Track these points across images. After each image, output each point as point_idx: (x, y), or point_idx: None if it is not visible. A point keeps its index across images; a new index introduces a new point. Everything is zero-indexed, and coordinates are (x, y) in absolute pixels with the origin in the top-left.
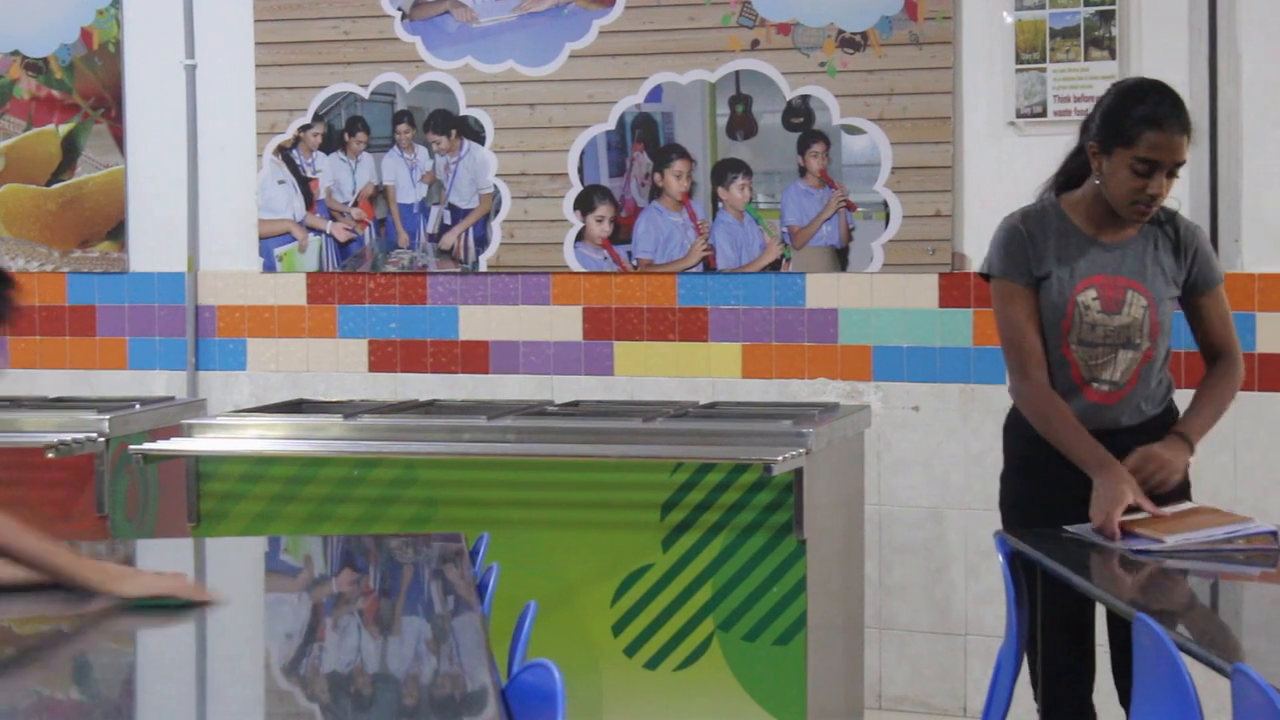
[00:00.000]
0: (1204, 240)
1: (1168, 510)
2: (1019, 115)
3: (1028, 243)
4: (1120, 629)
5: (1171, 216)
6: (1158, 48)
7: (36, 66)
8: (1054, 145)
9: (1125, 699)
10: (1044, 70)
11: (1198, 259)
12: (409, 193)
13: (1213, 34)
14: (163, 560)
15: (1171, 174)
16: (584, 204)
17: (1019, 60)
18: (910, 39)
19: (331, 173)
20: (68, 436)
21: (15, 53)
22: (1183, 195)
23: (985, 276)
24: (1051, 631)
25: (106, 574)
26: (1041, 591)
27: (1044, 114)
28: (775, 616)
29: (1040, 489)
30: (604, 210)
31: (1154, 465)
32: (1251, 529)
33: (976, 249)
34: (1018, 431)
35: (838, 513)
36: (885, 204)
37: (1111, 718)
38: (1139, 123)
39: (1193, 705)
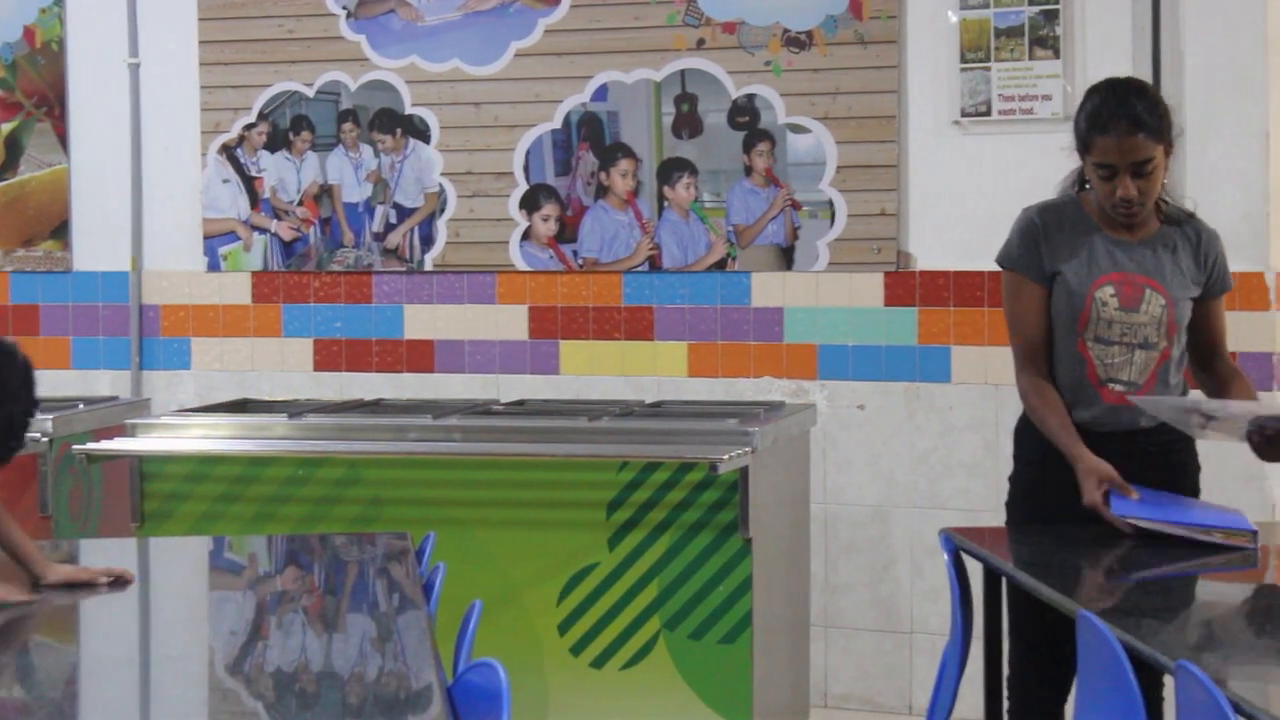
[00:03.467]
0: (1221, 245)
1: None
2: (964, 114)
3: (1041, 236)
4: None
5: (1190, 217)
6: (1102, 47)
7: None
8: (999, 144)
9: None
10: (989, 69)
11: (1218, 264)
12: (354, 192)
13: (1156, 33)
14: (106, 560)
15: (1139, 174)
16: (529, 203)
17: (964, 59)
18: (855, 38)
19: (276, 171)
20: None
21: None
22: None
23: (1001, 265)
24: (1017, 636)
25: (42, 560)
26: (1009, 596)
27: (989, 113)
28: (721, 615)
29: (1051, 491)
30: (549, 209)
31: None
32: (1233, 522)
33: (921, 247)
34: (1030, 432)
35: (783, 511)
36: (830, 203)
37: None
38: (1088, 128)
39: (1136, 703)
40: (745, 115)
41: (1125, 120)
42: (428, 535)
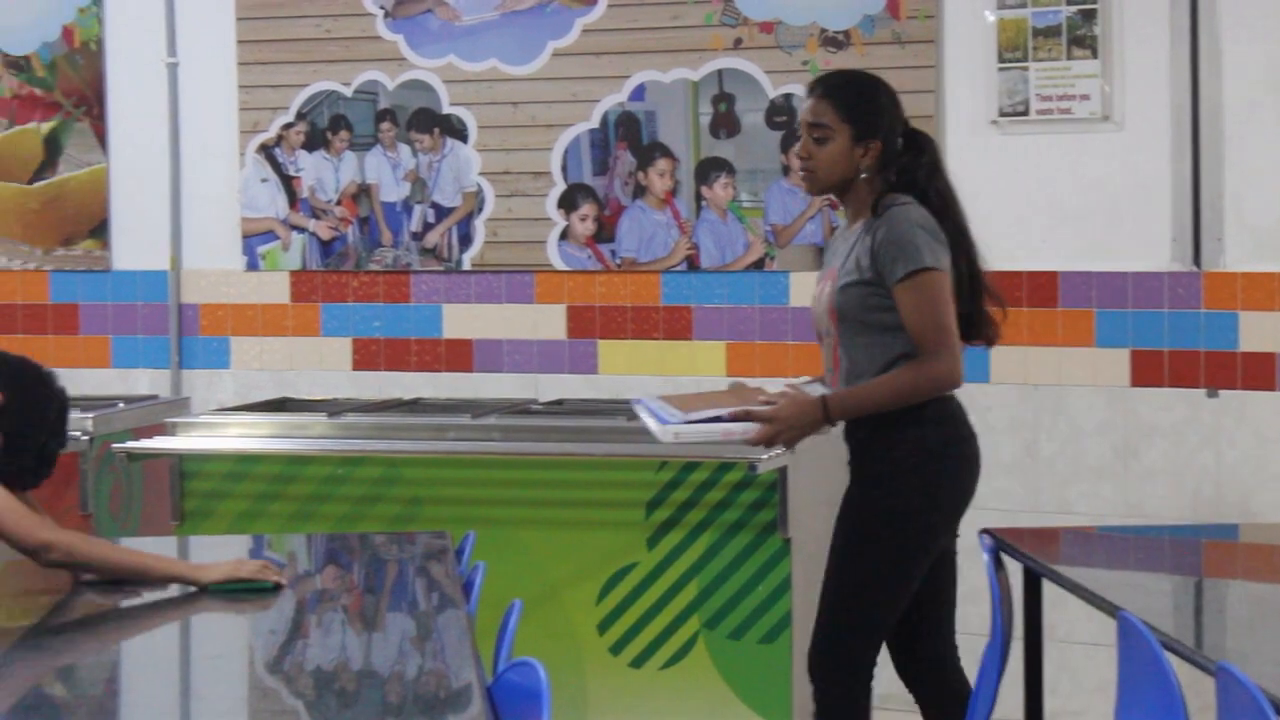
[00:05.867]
0: (894, 235)
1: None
2: (1001, 114)
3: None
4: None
5: (889, 209)
6: (1140, 46)
7: (18, 64)
8: (1036, 144)
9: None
10: (1026, 69)
11: (881, 253)
12: (392, 191)
13: (1194, 33)
14: None
15: (814, 138)
16: (567, 202)
17: (1001, 59)
18: (893, 38)
19: (314, 171)
20: None
21: None
22: (1165, 194)
23: (914, 273)
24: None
25: (191, 567)
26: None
27: (1026, 113)
28: (760, 615)
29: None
30: (587, 209)
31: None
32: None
33: None
34: (956, 422)
35: (822, 511)
36: None
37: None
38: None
39: (1177, 704)
40: (783, 115)
41: (815, 85)
42: (467, 534)
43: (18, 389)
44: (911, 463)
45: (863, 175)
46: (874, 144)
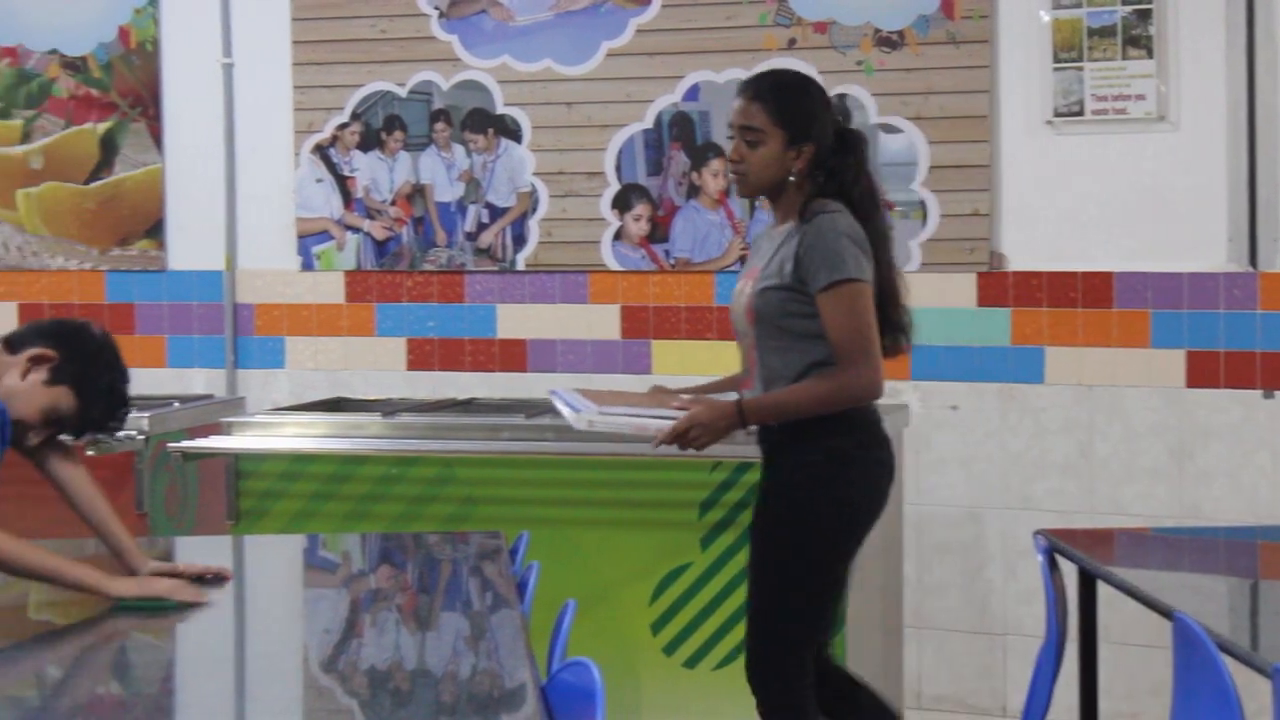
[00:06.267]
0: (820, 242)
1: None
2: (1056, 114)
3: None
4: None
5: (816, 216)
6: (1195, 46)
7: (75, 65)
8: (1092, 144)
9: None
10: (1081, 69)
11: (804, 259)
12: (446, 191)
13: (1250, 32)
14: (202, 558)
15: (745, 141)
16: (621, 203)
17: (1056, 59)
18: (947, 37)
19: (369, 171)
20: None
21: (54, 51)
22: (1221, 194)
23: (838, 283)
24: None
25: (101, 578)
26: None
27: (1081, 113)
28: None
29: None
30: (641, 209)
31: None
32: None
33: (1014, 248)
34: (869, 429)
35: None
36: (923, 203)
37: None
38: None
39: (1233, 706)
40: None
41: (747, 87)
42: (521, 534)
43: (64, 341)
44: (824, 471)
45: (793, 178)
46: (807, 147)
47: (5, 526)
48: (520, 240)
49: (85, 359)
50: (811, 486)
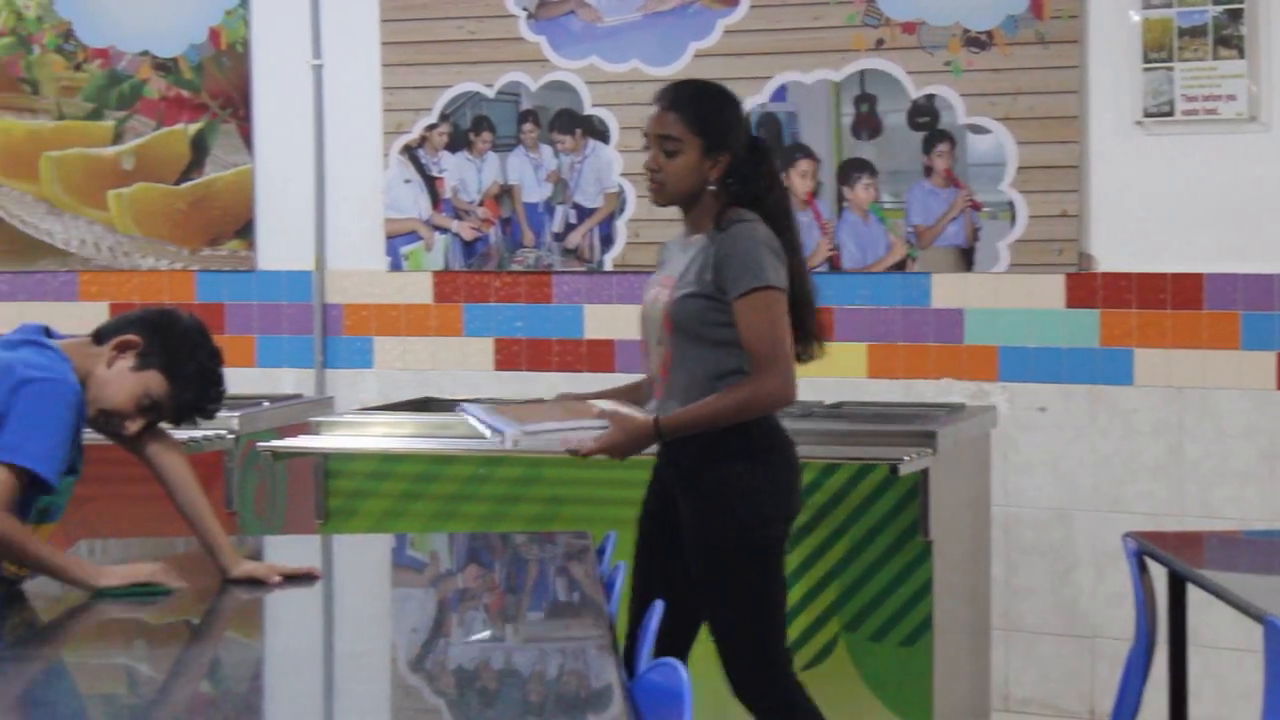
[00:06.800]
0: (739, 249)
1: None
2: (1146, 115)
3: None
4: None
5: (732, 224)
6: None
7: (166, 66)
8: (1182, 145)
9: None
10: (1171, 69)
11: (724, 267)
12: (534, 192)
13: None
14: (290, 557)
15: (664, 150)
16: None
17: (1146, 59)
18: (1036, 38)
19: (457, 172)
20: (197, 434)
21: (145, 53)
22: None
23: (755, 290)
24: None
25: (88, 570)
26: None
27: (1171, 113)
28: (902, 617)
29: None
30: None
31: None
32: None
33: (1103, 249)
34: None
35: (964, 514)
36: (1011, 204)
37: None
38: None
39: None
40: (925, 116)
41: (664, 96)
42: (608, 535)
43: (149, 326)
44: (751, 482)
45: (710, 187)
46: (723, 157)
47: (96, 527)
48: (608, 241)
49: (172, 342)
50: (744, 499)
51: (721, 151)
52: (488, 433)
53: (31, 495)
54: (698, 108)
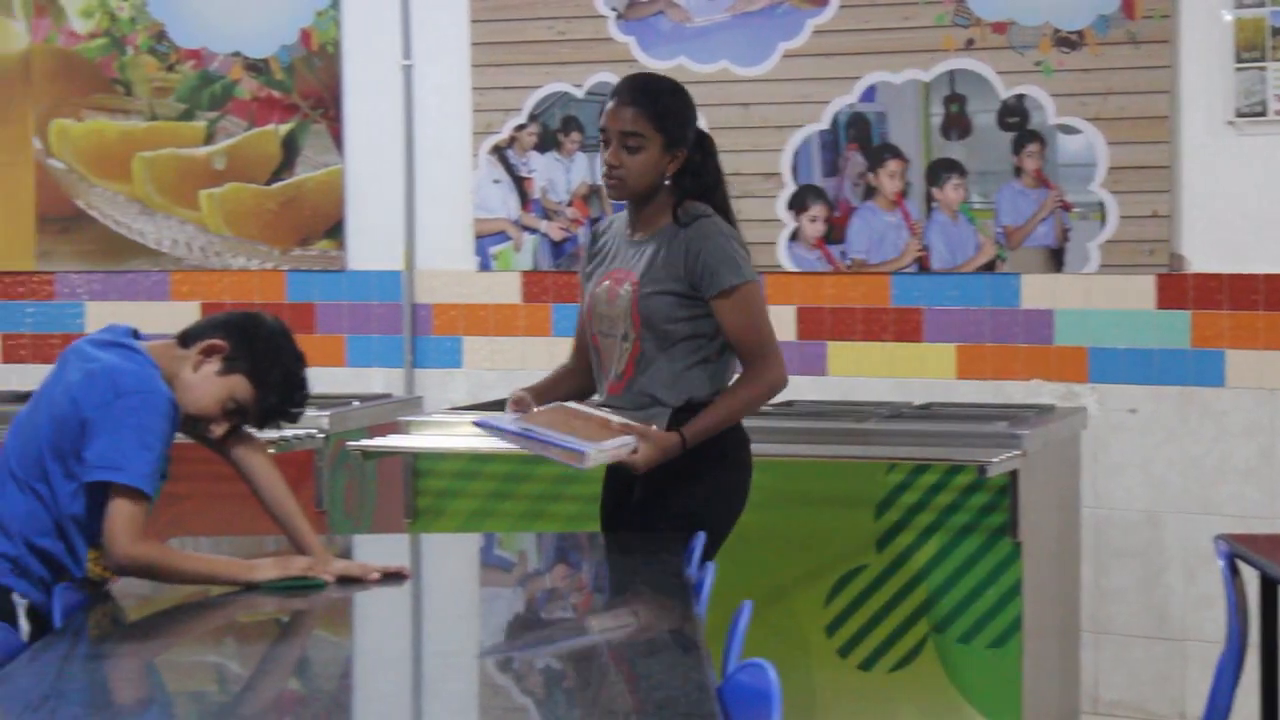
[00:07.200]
0: (711, 245)
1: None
2: (1238, 115)
3: None
4: None
5: (696, 220)
6: None
7: (257, 67)
8: (1275, 145)
9: None
10: (1264, 69)
11: (700, 262)
12: None
13: None
14: (379, 556)
15: (625, 146)
16: (797, 204)
17: (1238, 59)
18: (1127, 37)
19: (546, 172)
20: (288, 433)
21: (236, 54)
22: None
23: (737, 286)
24: None
25: (239, 569)
26: None
27: (1264, 113)
28: (991, 619)
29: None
30: (817, 210)
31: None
32: (571, 444)
33: (1195, 249)
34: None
35: (1053, 515)
36: (1101, 204)
37: None
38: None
39: None
40: (1015, 116)
41: (625, 92)
42: (697, 534)
43: (235, 330)
44: (728, 483)
45: (666, 182)
46: (680, 152)
47: (187, 526)
48: None
49: (257, 346)
50: (723, 499)
51: (680, 147)
52: (557, 455)
53: None
54: (659, 104)
